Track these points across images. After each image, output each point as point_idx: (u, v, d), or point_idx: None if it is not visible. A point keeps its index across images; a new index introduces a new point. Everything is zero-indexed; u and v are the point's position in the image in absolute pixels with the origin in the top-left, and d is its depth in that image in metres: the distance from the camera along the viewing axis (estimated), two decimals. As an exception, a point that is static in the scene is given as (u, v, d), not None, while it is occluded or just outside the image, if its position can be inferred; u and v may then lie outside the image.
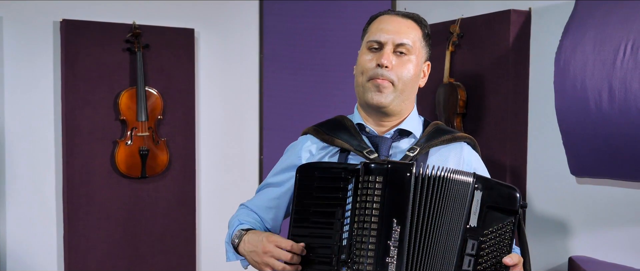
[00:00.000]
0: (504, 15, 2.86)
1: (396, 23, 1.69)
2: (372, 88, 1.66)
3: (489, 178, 1.53)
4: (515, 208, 1.50)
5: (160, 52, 3.68)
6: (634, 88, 2.29)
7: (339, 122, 1.78)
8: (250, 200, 1.89)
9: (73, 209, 3.51)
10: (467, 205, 1.48)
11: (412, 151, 1.66)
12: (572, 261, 2.64)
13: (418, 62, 1.70)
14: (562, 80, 2.51)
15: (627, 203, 2.54)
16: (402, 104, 1.70)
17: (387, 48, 1.65)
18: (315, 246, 1.53)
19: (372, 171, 1.47)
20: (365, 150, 1.65)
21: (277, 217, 1.83)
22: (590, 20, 2.48)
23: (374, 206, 1.45)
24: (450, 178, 1.49)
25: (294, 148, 1.82)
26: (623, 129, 2.34)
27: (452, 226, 1.48)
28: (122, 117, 3.54)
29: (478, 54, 2.99)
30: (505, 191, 1.51)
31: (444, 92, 3.06)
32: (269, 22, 4.02)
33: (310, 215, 1.55)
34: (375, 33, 1.68)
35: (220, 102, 4.02)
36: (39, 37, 3.49)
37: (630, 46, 2.32)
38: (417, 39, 1.69)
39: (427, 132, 1.73)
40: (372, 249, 1.43)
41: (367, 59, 1.68)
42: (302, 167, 1.59)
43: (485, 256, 1.48)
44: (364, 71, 1.68)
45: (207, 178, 3.99)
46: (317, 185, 1.55)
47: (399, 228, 1.44)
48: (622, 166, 2.42)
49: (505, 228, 1.49)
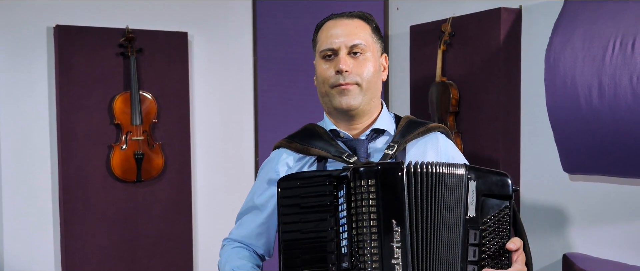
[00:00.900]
0: (495, 14, 2.86)
1: (344, 26, 1.67)
2: (338, 94, 1.65)
3: (479, 167, 1.53)
4: (509, 193, 1.51)
5: (154, 56, 3.69)
6: (624, 84, 2.29)
7: (311, 131, 1.76)
8: (235, 231, 1.83)
9: (69, 214, 3.52)
10: (463, 196, 1.48)
11: (390, 148, 1.65)
12: (566, 258, 2.64)
13: (375, 58, 1.69)
14: (553, 77, 2.51)
15: (620, 199, 2.54)
16: (370, 103, 1.69)
17: (342, 53, 1.64)
18: (309, 259, 1.49)
19: (362, 175, 1.45)
20: (344, 154, 1.64)
21: (269, 240, 1.79)
22: (579, 17, 2.48)
23: (371, 209, 1.43)
24: (443, 172, 1.48)
25: (270, 163, 1.78)
26: (613, 125, 2.34)
27: (452, 219, 1.47)
28: (117, 121, 3.55)
29: (470, 53, 2.99)
30: (497, 178, 1.52)
31: (436, 91, 3.06)
32: (262, 24, 4.02)
33: (299, 227, 1.51)
34: (325, 41, 1.67)
35: (214, 104, 4.02)
36: (33, 43, 3.50)
37: (619, 42, 2.32)
38: (368, 35, 1.68)
39: (400, 127, 1.73)
40: (376, 252, 1.41)
41: (325, 68, 1.66)
42: (283, 179, 1.55)
43: (488, 244, 1.49)
44: (325, 80, 1.66)
45: (203, 180, 3.99)
46: (302, 195, 1.52)
47: (399, 228, 1.42)
48: (613, 162, 2.42)
49: (502, 213, 1.50)
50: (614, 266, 2.49)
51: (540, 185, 2.82)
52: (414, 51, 3.31)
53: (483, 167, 1.54)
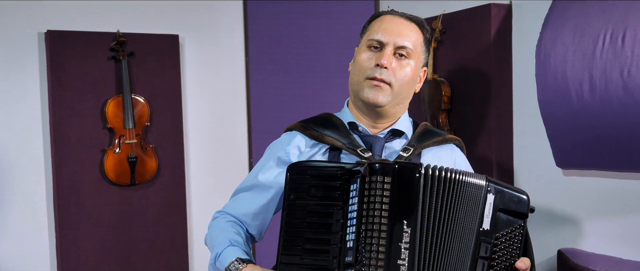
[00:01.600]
0: (485, 10, 2.86)
1: (399, 24, 1.65)
2: (369, 86, 1.62)
3: (499, 182, 1.52)
4: (525, 212, 1.50)
5: (145, 59, 3.68)
6: (614, 77, 2.29)
7: (327, 120, 1.73)
8: (232, 205, 1.77)
9: (64, 219, 3.51)
10: (480, 208, 1.46)
11: (406, 151, 1.64)
12: (560, 253, 2.64)
13: (416, 67, 1.67)
14: (544, 72, 2.51)
15: (614, 194, 2.54)
16: (396, 106, 1.67)
17: (388, 49, 1.62)
18: (311, 249, 1.46)
19: (378, 171, 1.41)
20: (358, 148, 1.61)
21: (264, 223, 1.74)
22: (569, 11, 2.48)
23: (384, 207, 1.39)
24: (464, 180, 1.46)
25: (280, 143, 1.74)
26: (605, 119, 2.34)
27: (466, 228, 1.46)
28: (110, 125, 3.54)
29: (461, 50, 2.99)
30: (516, 195, 1.51)
31: (428, 88, 3.06)
32: (253, 26, 4.02)
33: (304, 216, 1.48)
34: (377, 32, 1.64)
35: (207, 107, 4.01)
36: (24, 48, 3.49)
37: (609, 35, 2.32)
38: (418, 43, 1.66)
39: (418, 133, 1.71)
40: (383, 251, 1.38)
41: (366, 57, 1.64)
42: (294, 166, 1.53)
43: (498, 260, 1.47)
44: (362, 69, 1.64)
45: (197, 183, 3.98)
46: (311, 185, 1.49)
47: (410, 229, 1.39)
48: (605, 156, 2.42)
49: (515, 231, 1.49)
50: (608, 261, 2.49)
51: (534, 181, 2.82)
52: (406, 49, 3.30)
53: (503, 182, 1.53)
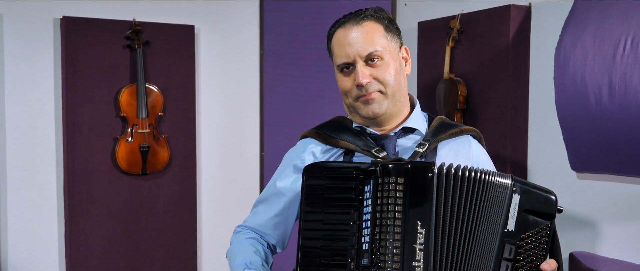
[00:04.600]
0: (504, 11, 2.85)
1: (353, 34, 1.59)
2: (363, 103, 1.60)
3: (526, 181, 1.49)
4: (553, 212, 1.46)
5: (160, 49, 3.68)
6: (634, 83, 2.28)
7: (340, 123, 1.71)
8: (251, 218, 1.76)
9: (74, 206, 3.51)
10: (505, 208, 1.43)
11: (421, 146, 1.60)
12: (572, 257, 2.64)
13: (394, 58, 1.62)
14: (562, 75, 2.50)
15: (628, 199, 2.54)
16: (396, 105, 1.64)
17: (359, 65, 1.57)
18: (328, 251, 1.45)
19: (391, 172, 1.39)
20: (373, 149, 1.60)
21: (285, 232, 1.73)
22: (590, 15, 2.47)
23: (397, 208, 1.37)
24: (485, 179, 1.43)
25: (296, 151, 1.74)
26: (623, 124, 2.33)
27: (490, 229, 1.42)
28: (123, 114, 3.54)
29: (478, 50, 2.98)
30: (543, 195, 1.47)
31: (444, 87, 3.05)
32: (269, 19, 4.01)
33: (321, 218, 1.46)
34: (339, 55, 1.60)
35: (220, 98, 4.01)
36: (39, 34, 3.49)
37: (630, 40, 2.31)
38: (381, 37, 1.60)
39: (433, 127, 1.68)
40: (398, 253, 1.36)
41: (345, 81, 1.61)
42: (309, 167, 1.51)
43: (522, 261, 1.44)
44: (347, 93, 1.62)
45: (208, 174, 3.99)
46: (327, 186, 1.47)
47: (424, 230, 1.37)
48: (622, 162, 2.41)
49: (541, 232, 1.46)
50: (620, 265, 2.48)
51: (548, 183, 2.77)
52: (422, 47, 3.29)
53: (530, 182, 1.50)
